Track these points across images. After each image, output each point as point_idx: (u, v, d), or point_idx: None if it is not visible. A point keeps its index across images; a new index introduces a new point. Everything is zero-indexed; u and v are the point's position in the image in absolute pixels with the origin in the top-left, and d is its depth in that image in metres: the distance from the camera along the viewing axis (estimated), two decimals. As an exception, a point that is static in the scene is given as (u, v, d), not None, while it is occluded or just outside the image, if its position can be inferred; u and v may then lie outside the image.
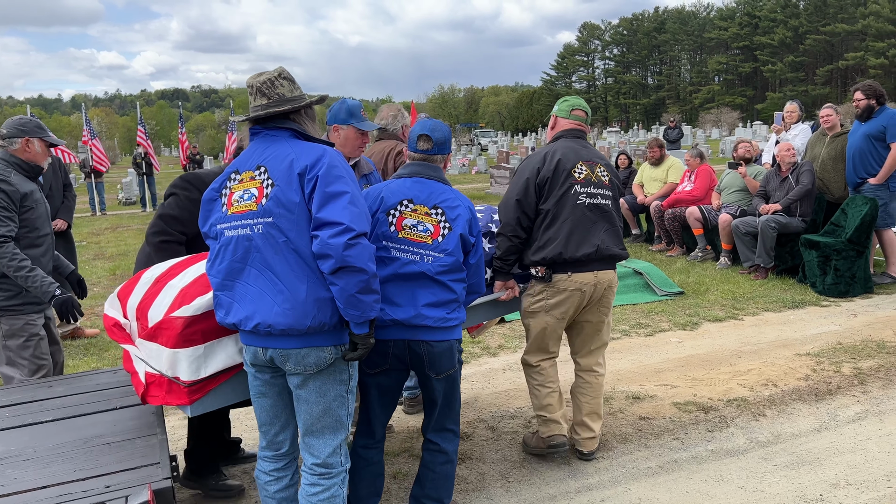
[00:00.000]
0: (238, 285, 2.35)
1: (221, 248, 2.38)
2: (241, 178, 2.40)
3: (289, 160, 2.31)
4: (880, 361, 4.68)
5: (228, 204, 2.40)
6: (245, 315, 2.32)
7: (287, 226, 2.28)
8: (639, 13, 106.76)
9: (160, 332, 2.48)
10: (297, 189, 2.28)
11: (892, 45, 73.88)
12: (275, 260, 2.29)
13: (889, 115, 6.45)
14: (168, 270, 2.74)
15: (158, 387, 2.49)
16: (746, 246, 7.21)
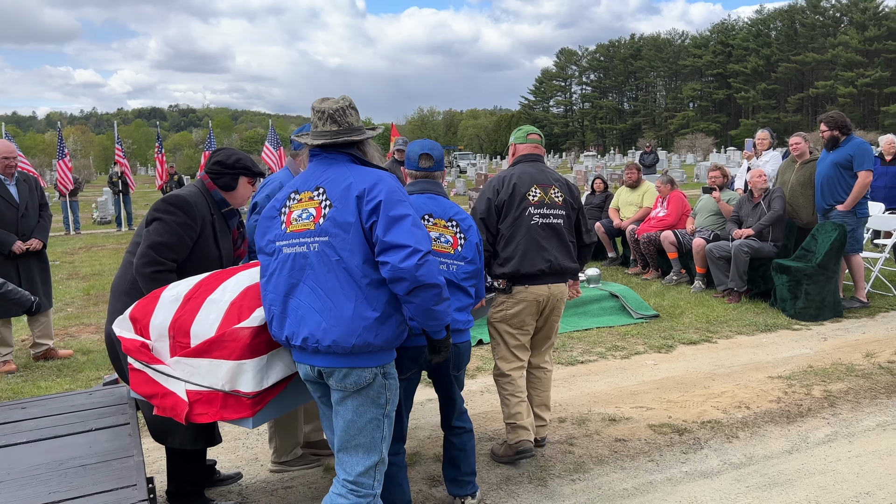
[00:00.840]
0: (291, 301, 2.43)
1: (279, 265, 2.48)
2: (301, 198, 2.51)
3: (347, 183, 2.43)
4: (849, 384, 4.78)
5: (287, 222, 2.50)
6: (294, 330, 2.41)
7: (341, 245, 2.38)
8: (615, 40, 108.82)
9: (221, 346, 2.49)
10: (353, 211, 2.38)
11: (861, 74, 75.98)
12: (326, 278, 2.39)
13: (856, 145, 6.64)
14: (197, 287, 2.73)
15: (208, 404, 2.51)
16: (720, 270, 7.34)
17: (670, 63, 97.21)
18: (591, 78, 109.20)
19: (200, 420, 2.52)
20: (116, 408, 2.97)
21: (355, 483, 2.46)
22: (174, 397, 2.56)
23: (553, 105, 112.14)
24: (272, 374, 2.54)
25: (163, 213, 2.96)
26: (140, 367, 2.67)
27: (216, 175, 3.18)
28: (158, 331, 2.66)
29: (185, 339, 2.60)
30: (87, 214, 21.83)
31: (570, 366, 5.35)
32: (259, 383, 2.49)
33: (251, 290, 2.64)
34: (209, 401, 2.51)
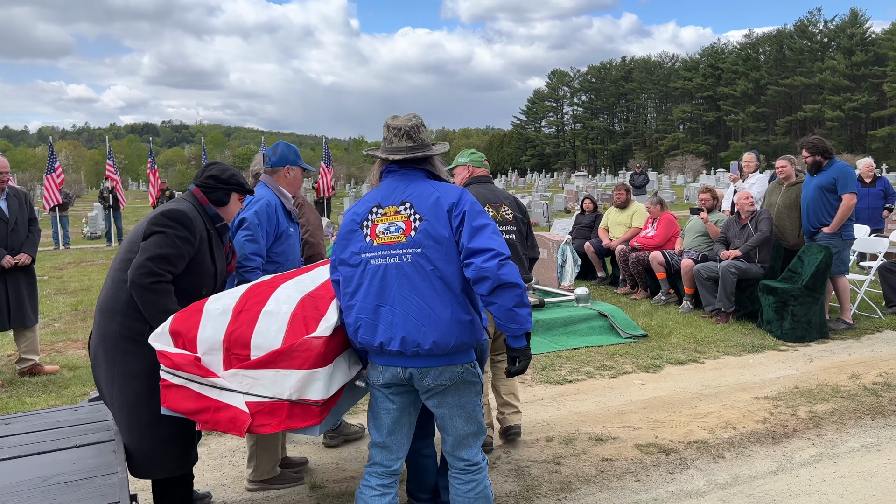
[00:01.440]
0: (383, 309, 2.58)
1: (368, 276, 2.61)
2: (385, 212, 2.65)
3: (434, 198, 2.62)
4: (835, 405, 4.81)
5: (373, 235, 2.64)
6: (389, 336, 2.56)
7: (435, 256, 2.57)
8: (607, 62, 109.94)
9: (291, 356, 2.56)
10: (445, 224, 2.58)
11: (848, 98, 77.02)
12: (422, 286, 2.56)
13: (839, 168, 6.73)
14: (245, 300, 2.78)
15: (270, 414, 2.56)
16: (708, 290, 7.39)
17: (661, 85, 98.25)
18: (582, 99, 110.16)
19: (263, 431, 2.57)
20: (101, 424, 2.96)
21: (474, 464, 2.75)
22: (232, 410, 2.59)
23: (545, 125, 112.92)
24: (336, 381, 2.64)
25: (162, 226, 2.88)
26: (182, 383, 2.65)
27: (209, 189, 3.15)
28: (208, 344, 2.67)
29: (243, 351, 2.63)
30: (77, 229, 21.74)
31: (559, 385, 5.37)
32: (327, 391, 2.58)
33: (307, 301, 2.74)
34: (272, 411, 2.56)
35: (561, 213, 24.99)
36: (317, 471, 3.93)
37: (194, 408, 2.64)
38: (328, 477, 3.85)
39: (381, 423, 2.73)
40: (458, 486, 2.75)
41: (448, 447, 2.75)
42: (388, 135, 2.75)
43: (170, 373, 2.68)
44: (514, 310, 2.53)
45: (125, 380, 2.84)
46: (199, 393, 2.64)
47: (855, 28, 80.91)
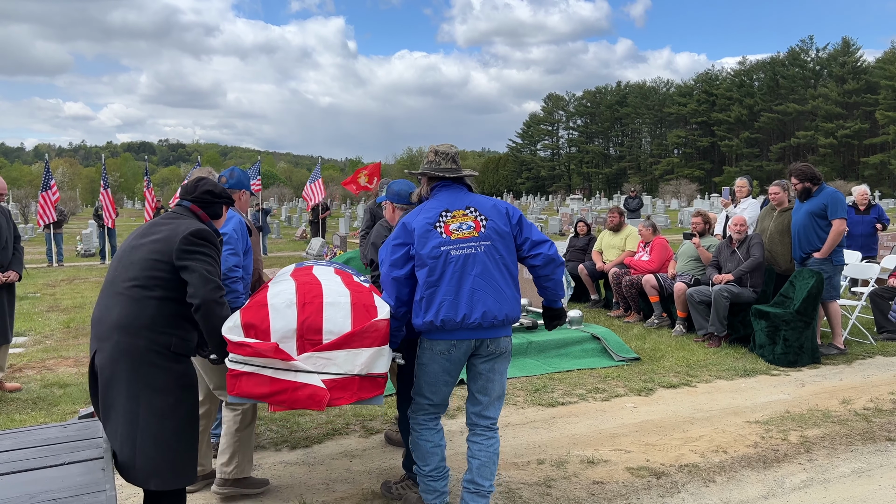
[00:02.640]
0: (463, 291, 3.20)
1: (451, 263, 3.23)
2: (454, 214, 3.32)
3: (491, 204, 3.39)
4: (826, 430, 4.81)
5: (447, 232, 3.28)
6: (468, 311, 3.19)
7: (501, 247, 3.30)
8: (602, 87, 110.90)
9: (362, 337, 3.05)
10: (505, 222, 3.34)
11: (840, 125, 77.79)
12: (494, 271, 3.26)
13: (829, 194, 6.80)
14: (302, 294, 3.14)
15: (343, 389, 3.03)
16: (700, 314, 7.41)
17: (655, 110, 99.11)
18: (577, 123, 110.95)
19: (338, 403, 3.02)
20: (90, 442, 2.95)
21: (496, 423, 3.40)
22: (310, 388, 2.97)
23: (540, 148, 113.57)
24: (390, 357, 3.16)
25: (201, 246, 2.98)
26: (254, 370, 2.97)
27: (206, 204, 3.19)
28: (281, 333, 3.01)
29: (316, 336, 3.04)
30: (71, 247, 21.69)
31: (551, 407, 5.36)
32: (387, 365, 3.12)
33: (356, 290, 3.24)
34: (344, 386, 3.02)
35: (555, 235, 25.07)
36: (306, 492, 3.90)
37: (269, 391, 2.97)
38: (318, 498, 3.83)
39: (441, 392, 3.36)
40: (482, 441, 3.35)
41: (480, 408, 3.37)
42: (437, 158, 3.44)
43: (241, 362, 2.97)
44: (561, 281, 3.41)
45: (153, 392, 2.88)
46: (274, 377, 2.98)
47: (847, 56, 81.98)
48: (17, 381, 6.06)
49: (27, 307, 10.29)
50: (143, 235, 3.07)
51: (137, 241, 3.05)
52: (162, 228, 3.06)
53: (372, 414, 5.16)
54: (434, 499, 3.38)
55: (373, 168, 15.31)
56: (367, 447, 4.56)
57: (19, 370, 6.58)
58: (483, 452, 3.33)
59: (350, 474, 4.13)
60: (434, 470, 3.38)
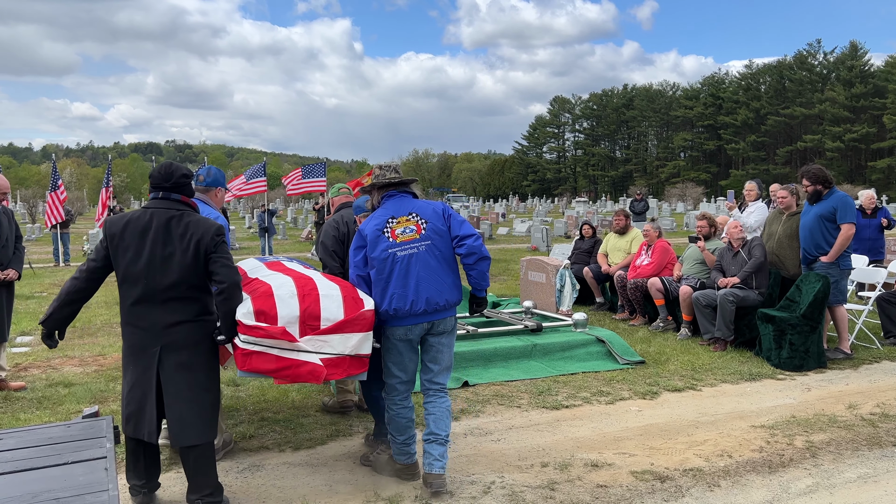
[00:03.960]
0: (410, 285, 3.81)
1: (397, 263, 3.84)
2: (399, 221, 3.91)
3: (431, 208, 3.99)
4: (832, 435, 4.78)
5: (394, 236, 3.88)
6: (414, 299, 3.79)
7: (440, 243, 3.92)
8: (608, 89, 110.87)
9: (354, 324, 3.65)
10: (443, 223, 3.95)
11: (848, 129, 77.53)
12: (434, 265, 3.88)
13: (839, 198, 6.76)
14: (301, 286, 3.71)
15: (336, 366, 3.60)
16: (706, 318, 7.38)
17: (662, 113, 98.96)
18: (583, 126, 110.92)
19: (334, 377, 3.63)
20: (93, 441, 2.95)
21: (445, 387, 4.05)
22: (310, 365, 3.54)
23: (546, 151, 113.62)
24: (366, 346, 3.73)
25: (222, 237, 3.52)
26: (262, 350, 3.48)
27: (186, 187, 3.55)
28: (287, 319, 3.54)
29: (315, 322, 3.59)
30: (78, 247, 21.78)
31: (555, 410, 5.34)
32: (370, 347, 3.76)
33: (342, 286, 3.84)
34: (337, 364, 3.61)
35: (561, 238, 25.05)
36: (310, 493, 3.90)
37: (276, 367, 3.51)
38: (321, 500, 3.83)
39: (409, 368, 3.97)
40: (436, 401, 3.98)
41: (432, 375, 4.00)
42: (382, 172, 4.06)
43: (253, 343, 3.47)
44: (486, 273, 3.97)
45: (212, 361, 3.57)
46: (280, 356, 3.51)
47: (854, 60, 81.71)
48: (23, 380, 6.09)
49: (33, 307, 10.34)
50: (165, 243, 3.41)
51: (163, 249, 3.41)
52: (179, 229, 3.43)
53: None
54: (408, 459, 4.03)
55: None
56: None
57: (24, 369, 6.61)
58: (437, 409, 3.96)
59: (353, 476, 4.13)
60: (408, 438, 4.00)
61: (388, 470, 4.09)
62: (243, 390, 5.86)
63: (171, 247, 3.37)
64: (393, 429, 3.98)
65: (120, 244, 3.42)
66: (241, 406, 5.43)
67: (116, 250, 3.43)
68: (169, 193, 3.47)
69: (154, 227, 3.39)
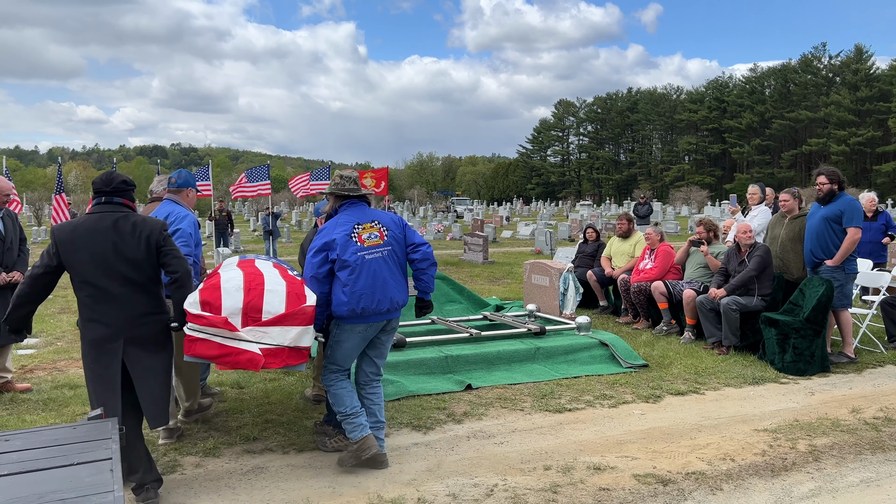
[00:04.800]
0: (377, 286, 4.15)
1: (365, 266, 4.16)
2: (364, 227, 4.25)
3: (389, 217, 4.38)
4: (835, 439, 4.78)
5: (361, 241, 4.20)
6: (380, 299, 4.16)
7: (398, 250, 4.33)
8: (613, 93, 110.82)
9: (293, 318, 3.90)
10: (400, 231, 4.36)
11: (853, 133, 77.34)
12: (395, 268, 4.29)
13: (847, 201, 6.76)
14: (248, 281, 3.99)
15: (274, 356, 3.85)
16: (710, 322, 7.38)
17: (666, 117, 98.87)
18: (588, 129, 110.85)
19: (272, 366, 3.87)
20: (99, 442, 2.97)
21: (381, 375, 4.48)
22: (249, 353, 3.79)
23: (550, 154, 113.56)
24: (306, 338, 3.98)
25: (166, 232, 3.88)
26: (206, 337, 3.78)
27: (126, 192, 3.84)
28: (230, 310, 3.83)
29: (257, 314, 3.86)
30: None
31: (558, 413, 5.35)
32: (311, 341, 4.03)
33: (290, 282, 4.08)
34: (275, 354, 3.87)
35: (565, 241, 25.05)
36: (313, 495, 3.92)
37: (217, 353, 3.80)
38: (324, 502, 3.84)
39: (350, 361, 4.32)
40: (377, 390, 4.42)
41: (375, 368, 4.42)
42: (342, 181, 4.37)
43: (198, 330, 3.78)
44: (433, 278, 4.42)
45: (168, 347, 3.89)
46: (222, 343, 3.79)
47: (859, 64, 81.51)
48: (28, 382, 6.12)
49: (39, 309, 10.36)
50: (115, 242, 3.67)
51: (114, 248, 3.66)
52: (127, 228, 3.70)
53: (379, 418, 5.18)
54: (361, 431, 4.18)
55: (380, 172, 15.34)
56: (374, 451, 4.57)
57: (30, 371, 6.64)
58: (378, 397, 4.41)
59: (356, 478, 4.14)
60: (353, 408, 4.21)
61: (352, 461, 4.22)
62: (247, 393, 5.88)
63: (122, 245, 3.65)
64: (337, 403, 4.22)
65: (71, 248, 3.64)
66: (244, 408, 5.45)
67: (69, 255, 3.65)
68: (111, 198, 3.77)
69: (103, 229, 3.65)
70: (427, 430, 4.96)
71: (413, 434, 4.90)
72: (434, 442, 4.74)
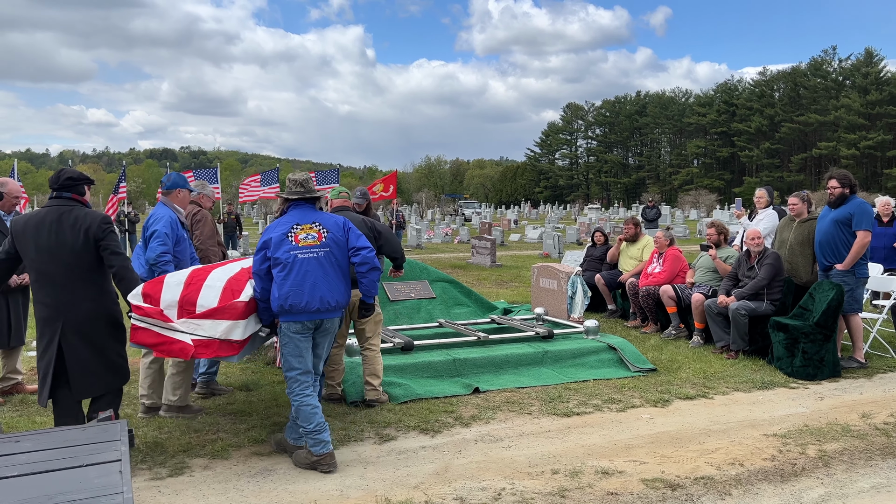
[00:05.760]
0: (305, 285, 4.25)
1: (297, 265, 4.27)
2: (303, 228, 4.37)
3: (333, 220, 4.47)
4: (845, 444, 4.75)
5: (296, 240, 4.32)
6: (309, 299, 4.24)
7: (337, 252, 4.40)
8: (621, 96, 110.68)
9: (224, 312, 4.20)
10: (342, 234, 4.44)
11: (863, 136, 76.87)
12: (330, 270, 4.35)
13: (857, 204, 6.72)
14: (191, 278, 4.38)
15: (206, 347, 4.18)
16: (719, 326, 7.35)
17: (675, 120, 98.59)
18: (596, 132, 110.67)
19: (202, 356, 4.23)
20: (109, 444, 2.99)
21: (320, 375, 4.64)
22: (181, 343, 4.18)
23: (559, 157, 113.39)
24: (248, 330, 4.32)
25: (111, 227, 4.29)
26: (147, 326, 4.23)
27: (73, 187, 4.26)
28: (168, 303, 4.25)
29: (192, 307, 4.23)
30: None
31: (566, 417, 5.34)
32: (243, 334, 4.28)
33: (231, 280, 4.40)
34: (207, 345, 4.18)
35: (573, 244, 25.00)
36: (321, 497, 3.92)
37: (154, 342, 4.25)
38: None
39: (305, 360, 4.39)
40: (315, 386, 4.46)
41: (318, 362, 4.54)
42: (290, 185, 4.48)
43: (139, 320, 4.25)
44: (375, 282, 4.49)
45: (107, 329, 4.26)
46: (159, 332, 4.22)
47: (870, 67, 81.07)
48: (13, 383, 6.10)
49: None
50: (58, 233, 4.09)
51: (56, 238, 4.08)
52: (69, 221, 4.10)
53: (386, 421, 5.18)
54: (322, 448, 4.26)
55: (390, 177, 15.38)
56: (381, 454, 4.58)
57: (40, 373, 6.67)
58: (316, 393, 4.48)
59: (364, 480, 4.15)
60: (317, 426, 4.27)
61: (305, 462, 4.33)
62: (255, 395, 5.90)
63: (63, 236, 4.09)
64: (302, 420, 4.29)
65: (22, 239, 4.15)
66: (253, 410, 5.47)
67: (21, 245, 4.17)
68: (60, 193, 4.21)
69: (48, 222, 4.11)
70: (435, 434, 4.96)
71: (421, 437, 4.90)
72: (442, 445, 4.74)
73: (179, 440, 4.79)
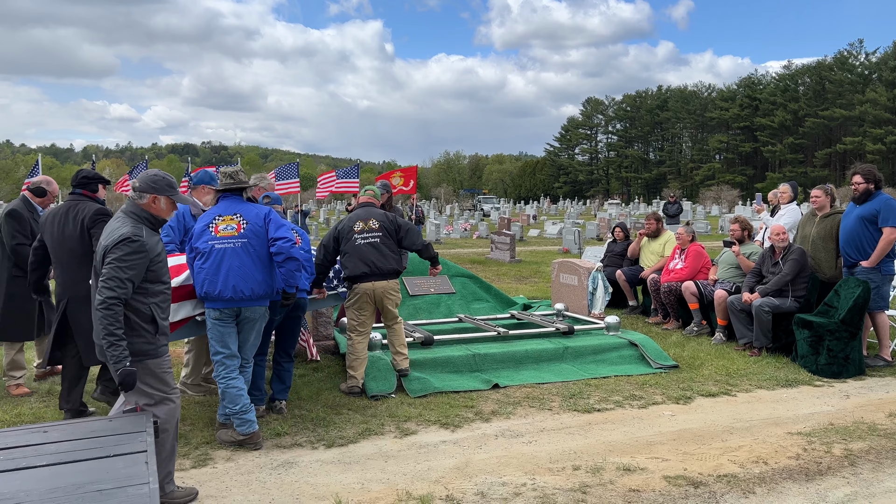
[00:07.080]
0: (220, 273, 4.47)
1: (214, 254, 4.51)
2: (224, 219, 4.60)
3: (255, 211, 4.65)
4: (871, 444, 4.68)
5: (216, 231, 4.57)
6: (222, 288, 4.47)
7: (256, 243, 4.57)
8: (642, 91, 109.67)
9: None
10: (262, 225, 4.60)
11: (890, 131, 75.52)
12: (247, 260, 4.53)
13: (883, 200, 6.61)
14: None
15: None
16: (742, 322, 7.27)
17: (697, 115, 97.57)
18: (616, 127, 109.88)
19: None
20: (134, 435, 3.02)
21: (249, 361, 4.82)
22: None
23: (578, 153, 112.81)
24: (181, 314, 4.58)
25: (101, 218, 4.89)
26: None
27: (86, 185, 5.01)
28: None
29: None
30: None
31: (587, 413, 5.32)
32: (174, 317, 4.45)
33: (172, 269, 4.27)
34: None
35: (593, 240, 24.87)
36: (342, 491, 3.94)
37: None
38: (353, 497, 3.86)
39: (228, 344, 4.59)
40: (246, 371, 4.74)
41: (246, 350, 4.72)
42: (221, 177, 4.75)
43: None
44: (293, 272, 4.57)
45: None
46: None
47: (897, 60, 79.60)
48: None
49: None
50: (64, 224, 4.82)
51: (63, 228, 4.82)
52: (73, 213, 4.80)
53: (407, 415, 5.19)
54: (248, 427, 4.49)
55: (409, 171, 15.38)
56: (402, 448, 4.59)
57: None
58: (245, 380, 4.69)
59: (385, 474, 4.16)
60: (242, 407, 4.50)
61: (229, 440, 4.56)
62: (277, 388, 5.94)
63: (68, 226, 4.80)
64: (228, 401, 4.51)
65: (45, 229, 4.92)
66: (274, 404, 5.50)
67: (44, 234, 4.92)
68: (75, 190, 4.97)
69: (61, 214, 4.85)
70: (455, 428, 4.97)
71: (441, 432, 4.91)
72: (462, 440, 4.74)
73: (203, 432, 4.84)
